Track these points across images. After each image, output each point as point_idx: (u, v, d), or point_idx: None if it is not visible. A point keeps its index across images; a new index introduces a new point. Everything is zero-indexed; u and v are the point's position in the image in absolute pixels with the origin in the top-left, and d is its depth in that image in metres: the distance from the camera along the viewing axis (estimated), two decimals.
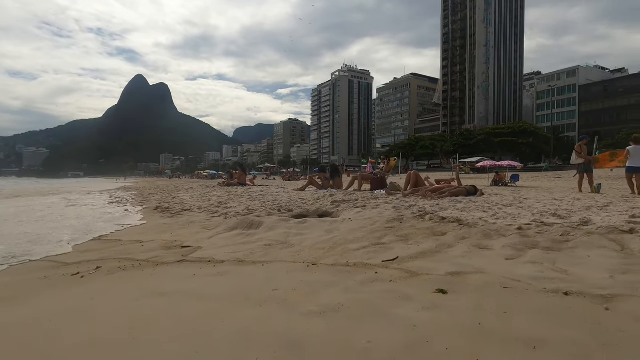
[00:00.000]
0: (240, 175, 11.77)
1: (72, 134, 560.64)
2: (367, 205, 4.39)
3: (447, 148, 70.87)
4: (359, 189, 6.92)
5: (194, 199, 7.14)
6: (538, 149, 62.38)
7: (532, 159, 63.58)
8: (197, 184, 15.89)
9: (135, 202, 7.59)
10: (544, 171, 40.90)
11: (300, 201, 5.41)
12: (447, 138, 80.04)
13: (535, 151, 62.52)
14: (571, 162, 8.25)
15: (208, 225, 3.91)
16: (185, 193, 9.03)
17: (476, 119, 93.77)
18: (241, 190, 8.31)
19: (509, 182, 15.59)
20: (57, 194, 12.62)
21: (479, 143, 65.78)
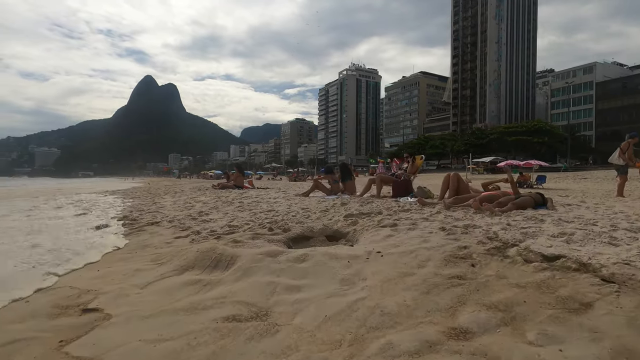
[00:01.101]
0: (237, 176, 10.30)
1: (82, 134, 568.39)
2: (398, 223, 3.02)
3: (458, 147, 68.89)
4: (377, 194, 5.55)
5: (175, 206, 5.86)
6: (553, 149, 60.05)
7: (547, 158, 61.07)
8: (192, 185, 14.66)
9: (109, 208, 6.36)
10: (562, 171, 38.92)
11: (303, 213, 4.07)
12: (458, 137, 77.93)
13: (550, 151, 60.16)
14: (609, 161, 7.04)
15: (160, 255, 2.60)
16: (172, 197, 7.76)
17: (487, 117, 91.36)
18: (234, 195, 7.06)
19: (534, 183, 14.12)
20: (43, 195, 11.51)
21: (491, 142, 63.68)
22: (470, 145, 66.83)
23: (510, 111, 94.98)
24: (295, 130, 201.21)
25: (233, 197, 6.58)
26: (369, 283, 1.69)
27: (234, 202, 5.77)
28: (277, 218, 3.78)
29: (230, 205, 5.38)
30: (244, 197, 6.49)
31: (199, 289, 1.80)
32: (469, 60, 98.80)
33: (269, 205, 5.11)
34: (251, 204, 5.33)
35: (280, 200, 5.57)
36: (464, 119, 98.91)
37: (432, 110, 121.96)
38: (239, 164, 10.93)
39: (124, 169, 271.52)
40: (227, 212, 4.58)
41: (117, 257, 2.72)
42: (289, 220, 3.57)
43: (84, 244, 3.17)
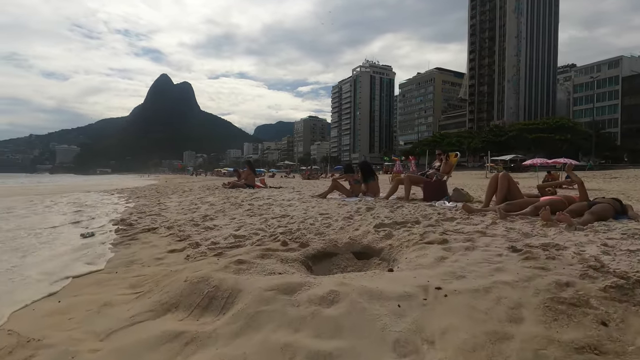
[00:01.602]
0: (248, 174, 9.52)
1: (101, 132, 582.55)
2: (448, 238, 2.36)
3: (475, 145, 67.01)
4: (406, 197, 4.84)
5: (179, 208, 5.32)
6: (576, 147, 57.63)
7: (569, 157, 58.76)
8: (202, 184, 14.20)
9: (110, 209, 5.89)
10: (588, 170, 37.16)
11: (322, 220, 3.44)
12: (475, 135, 75.84)
13: (572, 149, 57.76)
14: None
15: (142, 279, 2.03)
16: (178, 197, 7.24)
17: (506, 114, 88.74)
18: (244, 196, 6.50)
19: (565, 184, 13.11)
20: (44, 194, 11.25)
21: (510, 140, 61.58)
22: (488, 143, 64.86)
23: (529, 108, 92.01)
24: (308, 128, 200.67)
25: (243, 198, 5.99)
26: (442, 355, 1.14)
27: (244, 204, 5.17)
28: (292, 227, 3.16)
29: (239, 207, 4.80)
30: (254, 199, 5.89)
31: (177, 350, 1.19)
32: (486, 56, 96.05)
33: (282, 209, 4.49)
34: (262, 207, 4.72)
35: (295, 203, 4.94)
36: (480, 116, 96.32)
37: (448, 107, 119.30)
38: (250, 161, 10.25)
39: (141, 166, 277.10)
40: (234, 217, 3.99)
41: (91, 280, 2.15)
42: (306, 230, 2.95)
43: (58, 262, 2.62)
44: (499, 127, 71.29)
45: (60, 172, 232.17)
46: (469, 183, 14.22)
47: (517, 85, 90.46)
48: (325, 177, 33.09)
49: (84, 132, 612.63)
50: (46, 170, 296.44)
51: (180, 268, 2.14)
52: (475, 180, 18.18)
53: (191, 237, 3.11)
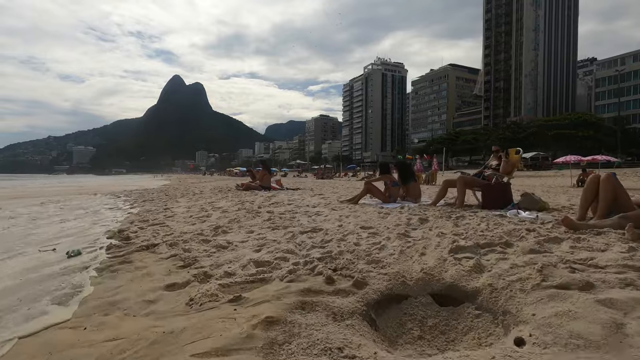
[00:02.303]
0: (263, 175, 8.57)
1: (116, 133, 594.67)
2: (591, 280, 1.52)
3: (493, 143, 64.80)
4: (459, 204, 3.93)
5: (187, 214, 4.62)
6: (600, 143, 55.22)
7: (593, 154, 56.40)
8: (214, 184, 13.58)
9: (110, 216, 5.24)
10: (615, 167, 35.31)
11: (368, 237, 2.64)
12: (492, 132, 73.72)
13: (596, 145, 55.37)
14: None
15: (113, 350, 1.25)
16: (187, 201, 6.53)
17: (523, 110, 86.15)
18: (260, 200, 5.77)
19: None
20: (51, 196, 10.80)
21: (529, 137, 59.44)
22: (506, 140, 62.78)
23: (548, 103, 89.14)
24: (319, 127, 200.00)
25: (260, 204, 5.23)
26: None
27: (261, 211, 4.41)
28: (330, 247, 2.38)
29: (256, 216, 4.03)
30: (273, 204, 5.10)
31: None
32: (502, 51, 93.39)
33: (310, 218, 3.69)
34: (285, 216, 3.95)
35: (324, 211, 4.13)
36: (497, 112, 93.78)
37: (462, 104, 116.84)
38: (265, 161, 9.36)
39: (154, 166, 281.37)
40: (252, 230, 3.23)
41: (41, 344, 1.41)
42: (352, 255, 2.15)
43: (17, 298, 1.91)
44: (517, 123, 69.04)
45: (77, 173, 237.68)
46: None
47: (535, 81, 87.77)
48: (339, 176, 32.24)
49: (100, 133, 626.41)
50: (63, 170, 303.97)
51: (177, 328, 1.38)
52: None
53: (198, 261, 2.36)
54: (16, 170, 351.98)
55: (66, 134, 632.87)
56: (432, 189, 9.57)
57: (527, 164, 40.83)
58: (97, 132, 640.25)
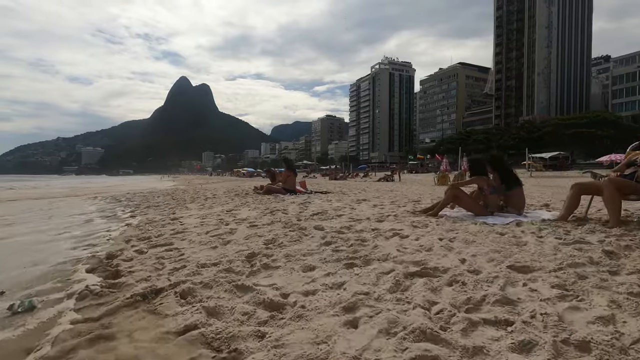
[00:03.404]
0: (287, 176, 7.21)
1: (123, 134, 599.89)
2: None
3: (506, 142, 63.20)
4: (615, 220, 2.62)
5: (202, 230, 3.45)
6: (619, 142, 53.15)
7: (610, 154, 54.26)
8: (227, 185, 12.45)
9: (103, 229, 4.09)
10: None
11: (551, 293, 1.39)
12: (504, 131, 71.85)
13: (615, 144, 53.29)
14: None
15: None
16: (199, 207, 5.36)
17: (536, 109, 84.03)
18: (294, 209, 4.50)
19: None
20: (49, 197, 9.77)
21: (545, 136, 57.54)
22: (520, 140, 61.12)
23: (561, 102, 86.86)
24: (326, 127, 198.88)
25: (297, 214, 4.05)
26: None
27: (305, 226, 3.16)
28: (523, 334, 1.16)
29: (302, 235, 2.81)
30: (318, 216, 3.89)
31: None
32: (514, 48, 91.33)
33: (395, 243, 2.42)
34: (346, 236, 2.73)
35: (403, 229, 2.83)
36: (508, 111, 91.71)
37: (472, 104, 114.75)
38: (289, 159, 7.85)
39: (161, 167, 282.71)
40: (312, 265, 2.02)
41: None
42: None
43: None
44: (531, 122, 67.10)
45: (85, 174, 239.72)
46: (535, 188, 11.86)
47: (548, 79, 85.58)
48: (352, 176, 30.96)
49: (108, 134, 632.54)
50: (72, 171, 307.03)
51: None
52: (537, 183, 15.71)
53: (239, 347, 1.19)
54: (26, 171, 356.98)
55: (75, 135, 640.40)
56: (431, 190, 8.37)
57: (546, 164, 39.13)
58: (105, 133, 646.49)
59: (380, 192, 8.36)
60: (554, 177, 25.27)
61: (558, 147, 52.43)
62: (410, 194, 7.74)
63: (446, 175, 14.61)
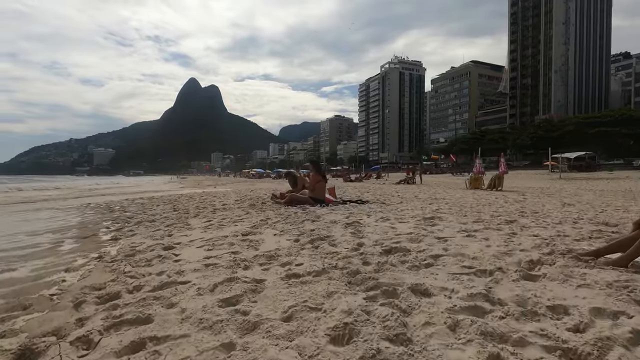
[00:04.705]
0: (316, 182, 5.70)
1: (134, 135, 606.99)
2: None
3: (523, 142, 60.97)
4: None
5: (207, 270, 2.17)
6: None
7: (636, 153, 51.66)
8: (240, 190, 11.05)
9: (63, 265, 2.78)
10: None
11: None
12: (521, 130, 69.43)
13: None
14: None
15: None
16: (204, 226, 4.00)
17: (553, 108, 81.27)
18: (343, 235, 3.06)
19: None
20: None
21: (565, 135, 55.12)
22: (538, 139, 58.86)
23: (579, 100, 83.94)
24: (335, 127, 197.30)
25: (355, 248, 2.50)
26: None
27: (393, 285, 1.72)
28: None
29: (405, 314, 1.44)
30: (396, 256, 2.35)
31: None
32: (530, 45, 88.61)
33: None
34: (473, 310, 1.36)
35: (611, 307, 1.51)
36: (524, 110, 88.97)
37: (485, 103, 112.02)
38: (316, 161, 6.13)
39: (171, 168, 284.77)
40: None
41: None
42: None
43: None
44: (549, 121, 64.59)
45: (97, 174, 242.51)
46: (578, 192, 10.24)
47: (565, 76, 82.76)
48: (366, 178, 29.52)
49: (119, 135, 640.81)
50: (84, 172, 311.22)
51: None
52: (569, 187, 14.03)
53: None
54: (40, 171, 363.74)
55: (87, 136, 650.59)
56: (501, 200, 6.84)
57: (570, 164, 37.01)
58: (117, 134, 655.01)
59: (423, 200, 6.91)
60: (586, 179, 23.44)
61: (579, 147, 50.16)
62: (472, 202, 6.29)
63: (480, 178, 13.10)
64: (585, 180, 21.26)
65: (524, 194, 9.16)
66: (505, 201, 6.59)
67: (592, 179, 23.43)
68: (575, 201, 6.54)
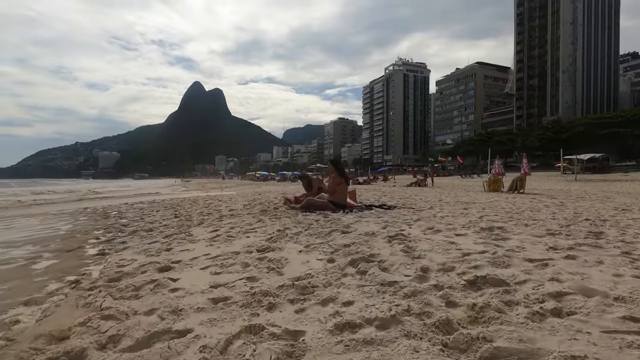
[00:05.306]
0: (337, 184, 4.96)
1: (139, 138, 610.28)
2: None
3: (531, 143, 59.85)
4: None
5: (220, 316, 1.43)
6: None
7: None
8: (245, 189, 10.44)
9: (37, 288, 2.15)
10: None
11: None
12: (529, 132, 68.29)
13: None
14: None
15: None
16: (210, 237, 3.36)
17: (561, 109, 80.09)
18: (390, 252, 2.30)
19: None
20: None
21: (574, 136, 54.00)
22: (547, 141, 57.83)
23: (588, 101, 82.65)
24: (339, 130, 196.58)
25: (418, 279, 1.79)
26: None
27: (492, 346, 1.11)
28: None
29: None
30: (495, 294, 1.57)
31: None
32: (536, 46, 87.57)
33: None
34: None
35: None
36: (530, 111, 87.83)
37: (491, 104, 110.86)
38: (337, 160, 5.44)
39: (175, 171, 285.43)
40: None
41: None
42: None
43: None
44: (558, 122, 63.45)
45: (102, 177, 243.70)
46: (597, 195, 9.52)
47: (573, 77, 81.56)
48: (374, 181, 28.82)
49: (124, 138, 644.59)
50: (89, 175, 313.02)
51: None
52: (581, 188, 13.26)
53: None
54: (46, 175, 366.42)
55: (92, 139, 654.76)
56: (539, 204, 6.12)
57: (583, 166, 36.01)
58: (122, 137, 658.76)
59: (452, 204, 6.21)
60: (603, 181, 22.54)
61: (589, 148, 49.06)
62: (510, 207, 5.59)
63: (499, 179, 12.36)
64: (603, 182, 20.37)
65: (552, 197, 8.43)
66: (545, 205, 5.89)
67: (609, 181, 22.51)
68: (626, 206, 5.81)
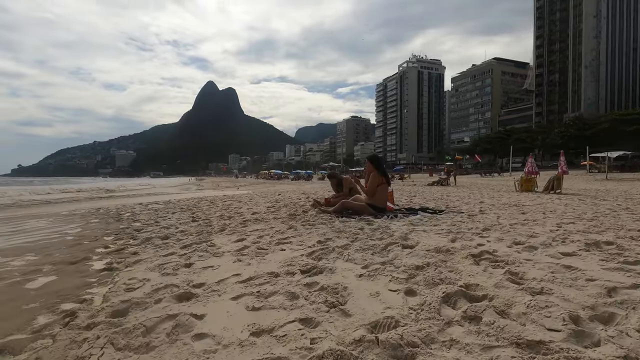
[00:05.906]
0: (378, 185, 4.34)
1: (154, 137, 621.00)
2: None
3: (553, 141, 57.72)
4: None
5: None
6: None
7: None
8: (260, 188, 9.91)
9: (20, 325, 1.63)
10: None
11: None
12: (550, 129, 65.95)
13: None
14: None
15: None
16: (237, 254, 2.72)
17: (583, 105, 77.21)
18: (474, 268, 1.82)
19: None
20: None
21: (599, 133, 51.73)
22: (570, 138, 55.65)
23: (612, 97, 79.43)
24: (352, 128, 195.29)
25: (553, 315, 1.23)
26: None
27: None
28: None
29: None
30: None
31: None
32: (557, 40, 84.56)
33: None
34: None
35: None
36: (551, 108, 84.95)
37: (508, 101, 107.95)
38: (376, 156, 4.59)
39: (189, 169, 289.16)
40: None
41: None
42: None
43: None
44: (581, 119, 61.01)
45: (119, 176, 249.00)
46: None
47: (596, 72, 78.41)
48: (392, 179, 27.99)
49: (140, 138, 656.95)
50: (106, 173, 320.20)
51: None
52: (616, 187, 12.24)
53: None
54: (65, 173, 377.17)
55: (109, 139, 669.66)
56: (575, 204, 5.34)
57: (610, 164, 34.28)
58: (137, 137, 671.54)
59: (498, 207, 5.51)
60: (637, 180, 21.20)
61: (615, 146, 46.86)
62: (562, 210, 4.90)
63: (533, 179, 11.52)
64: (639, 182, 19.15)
65: (602, 198, 7.61)
66: (609, 209, 5.15)
67: (627, 179, 21.21)
68: None
